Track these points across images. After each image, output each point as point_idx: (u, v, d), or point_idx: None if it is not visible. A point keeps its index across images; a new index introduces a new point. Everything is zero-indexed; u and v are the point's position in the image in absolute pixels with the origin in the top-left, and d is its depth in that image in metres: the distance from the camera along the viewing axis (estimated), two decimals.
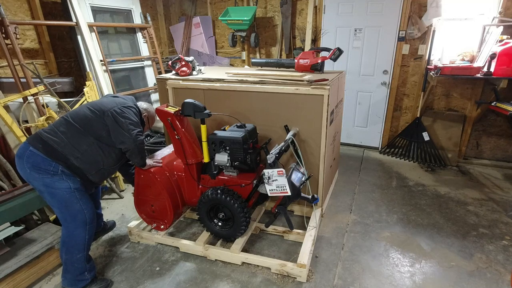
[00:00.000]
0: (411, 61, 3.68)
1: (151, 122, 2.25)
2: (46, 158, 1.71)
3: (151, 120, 2.24)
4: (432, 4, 3.35)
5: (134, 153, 1.93)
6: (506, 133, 3.53)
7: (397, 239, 2.37)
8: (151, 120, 2.23)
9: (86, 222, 1.83)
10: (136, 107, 2.06)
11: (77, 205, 1.79)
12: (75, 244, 1.82)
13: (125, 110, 1.91)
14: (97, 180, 1.95)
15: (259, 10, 4.22)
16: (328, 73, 2.62)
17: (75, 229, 1.80)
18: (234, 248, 2.12)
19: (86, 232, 1.84)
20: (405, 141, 3.84)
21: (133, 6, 3.69)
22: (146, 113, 2.16)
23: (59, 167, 1.73)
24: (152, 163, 2.15)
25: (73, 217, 1.79)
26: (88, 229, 1.85)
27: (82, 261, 1.85)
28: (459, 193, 3.02)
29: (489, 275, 2.02)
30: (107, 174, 2.03)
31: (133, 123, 1.90)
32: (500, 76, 2.94)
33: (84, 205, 1.82)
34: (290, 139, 2.16)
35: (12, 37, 2.47)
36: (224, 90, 2.42)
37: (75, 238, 1.81)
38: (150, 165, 2.13)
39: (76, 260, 1.83)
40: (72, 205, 1.78)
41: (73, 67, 3.45)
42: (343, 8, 3.77)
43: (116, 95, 2.15)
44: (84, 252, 1.85)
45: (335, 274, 2.04)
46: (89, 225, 1.85)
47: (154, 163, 2.16)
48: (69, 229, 1.81)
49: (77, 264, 1.84)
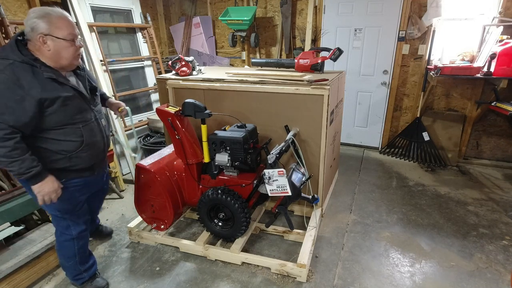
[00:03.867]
0: (411, 61, 3.68)
1: (64, 52, 1.44)
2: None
3: (60, 48, 1.42)
4: (432, 4, 3.35)
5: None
6: (506, 133, 3.53)
7: (397, 239, 2.37)
8: (59, 48, 1.42)
9: (74, 237, 1.77)
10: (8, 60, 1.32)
11: (64, 222, 1.74)
12: (66, 253, 1.82)
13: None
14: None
15: (259, 10, 4.22)
16: (328, 73, 2.62)
17: (64, 241, 1.79)
18: (234, 248, 2.12)
19: (75, 244, 1.79)
20: (405, 141, 3.84)
21: (133, 6, 3.69)
22: (41, 32, 1.36)
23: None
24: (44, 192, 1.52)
25: (60, 232, 1.77)
26: (77, 242, 1.79)
27: (74, 266, 1.84)
28: (459, 193, 3.02)
29: (489, 275, 2.02)
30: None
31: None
32: (500, 76, 2.94)
33: (71, 221, 1.75)
34: (290, 139, 2.16)
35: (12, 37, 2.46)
36: (224, 90, 2.42)
37: (65, 248, 1.80)
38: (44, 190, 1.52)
39: (69, 265, 1.85)
40: (59, 222, 1.75)
41: None
42: (343, 8, 3.77)
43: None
44: (75, 259, 1.83)
45: (335, 274, 2.04)
46: (77, 239, 1.79)
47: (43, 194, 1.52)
48: (59, 240, 1.80)
49: (71, 269, 1.86)
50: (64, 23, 1.43)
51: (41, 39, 1.38)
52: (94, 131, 1.62)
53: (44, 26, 1.37)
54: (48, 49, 1.41)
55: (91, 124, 1.60)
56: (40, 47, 1.40)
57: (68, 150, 1.54)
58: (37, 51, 1.41)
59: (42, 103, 1.37)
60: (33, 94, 1.34)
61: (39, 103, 1.36)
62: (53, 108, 1.41)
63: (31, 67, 1.36)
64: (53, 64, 1.44)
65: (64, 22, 1.43)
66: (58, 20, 1.41)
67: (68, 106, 1.47)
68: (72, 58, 1.49)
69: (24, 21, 1.39)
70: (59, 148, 1.52)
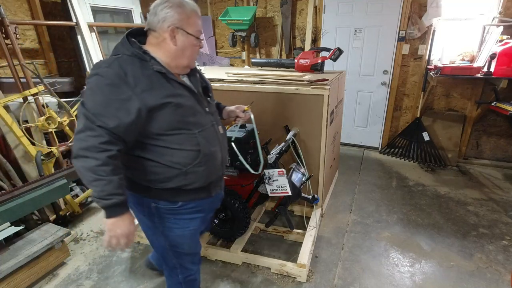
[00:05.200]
0: (411, 61, 3.68)
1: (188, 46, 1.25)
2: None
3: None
4: (432, 4, 3.35)
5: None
6: (506, 133, 3.53)
7: (397, 239, 2.37)
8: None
9: (180, 282, 1.51)
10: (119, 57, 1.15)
11: (172, 261, 1.46)
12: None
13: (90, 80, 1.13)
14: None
15: (259, 10, 4.22)
16: (328, 73, 2.63)
17: (172, 285, 1.58)
18: (234, 248, 2.12)
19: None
20: (405, 141, 3.84)
21: (133, 6, 3.69)
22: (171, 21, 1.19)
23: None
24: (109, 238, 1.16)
25: (168, 273, 1.55)
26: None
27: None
28: (459, 193, 3.02)
29: (489, 275, 2.02)
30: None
31: (87, 107, 1.08)
32: (500, 76, 2.94)
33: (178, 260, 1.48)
34: (290, 139, 2.16)
35: (12, 37, 2.46)
36: (224, 90, 2.42)
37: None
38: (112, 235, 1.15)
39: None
40: (168, 261, 1.48)
41: (73, 67, 3.45)
42: (343, 8, 3.77)
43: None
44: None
45: (335, 274, 2.04)
46: (185, 284, 1.53)
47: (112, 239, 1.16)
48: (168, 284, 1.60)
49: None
50: (196, 18, 1.25)
51: (172, 32, 1.19)
52: (211, 139, 1.30)
53: (177, 17, 1.18)
54: (174, 43, 1.21)
55: (207, 130, 1.28)
56: (164, 40, 1.20)
57: (184, 162, 1.23)
58: (155, 45, 1.21)
59: (148, 103, 1.12)
60: (139, 92, 1.11)
61: (144, 103, 1.11)
62: (162, 109, 1.15)
63: (140, 60, 1.16)
64: (169, 62, 1.22)
65: (196, 17, 1.25)
66: (192, 14, 1.22)
67: (180, 107, 1.19)
68: (192, 59, 1.30)
69: (152, 8, 1.21)
70: (174, 160, 1.21)
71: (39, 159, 2.37)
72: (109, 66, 1.11)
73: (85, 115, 1.07)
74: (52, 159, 2.55)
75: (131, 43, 1.18)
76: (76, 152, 1.07)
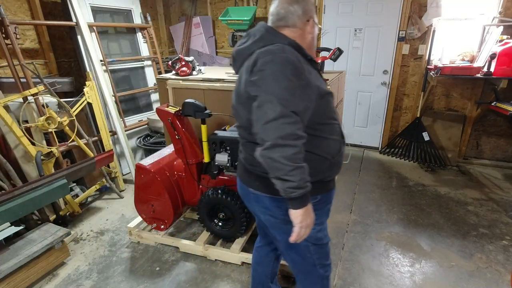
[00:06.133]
0: (411, 61, 3.68)
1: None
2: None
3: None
4: (432, 4, 3.35)
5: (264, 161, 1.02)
6: (506, 133, 3.53)
7: (397, 239, 2.37)
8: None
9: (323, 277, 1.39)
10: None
11: (312, 258, 1.35)
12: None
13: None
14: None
15: (259, 10, 4.22)
16: (328, 73, 2.63)
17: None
18: (234, 248, 2.12)
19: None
20: (405, 141, 3.84)
21: (133, 6, 3.69)
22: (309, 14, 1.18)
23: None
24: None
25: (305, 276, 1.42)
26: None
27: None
28: (459, 193, 3.02)
29: (489, 275, 2.02)
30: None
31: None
32: (500, 76, 2.95)
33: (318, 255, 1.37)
34: None
35: (12, 37, 2.47)
36: (224, 90, 2.42)
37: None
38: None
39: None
40: (308, 258, 1.36)
41: (73, 67, 3.45)
42: (343, 8, 3.77)
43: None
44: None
45: (335, 274, 2.04)
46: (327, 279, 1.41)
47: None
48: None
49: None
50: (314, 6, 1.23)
51: (311, 23, 1.17)
52: (340, 130, 1.28)
53: (311, 8, 1.17)
54: (311, 35, 1.19)
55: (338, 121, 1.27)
56: (303, 33, 1.17)
57: (333, 152, 1.20)
58: (295, 38, 1.16)
59: (321, 89, 1.11)
60: (313, 79, 1.09)
61: (319, 89, 1.10)
62: (325, 96, 1.15)
63: (295, 50, 1.11)
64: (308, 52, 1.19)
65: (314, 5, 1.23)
66: (312, 3, 1.20)
67: (332, 96, 1.19)
68: (314, 48, 1.27)
69: (282, 4, 1.15)
70: (326, 150, 1.17)
71: (39, 159, 2.37)
72: (285, 52, 1.05)
73: (275, 101, 0.98)
74: (52, 159, 2.55)
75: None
76: (273, 141, 0.97)
